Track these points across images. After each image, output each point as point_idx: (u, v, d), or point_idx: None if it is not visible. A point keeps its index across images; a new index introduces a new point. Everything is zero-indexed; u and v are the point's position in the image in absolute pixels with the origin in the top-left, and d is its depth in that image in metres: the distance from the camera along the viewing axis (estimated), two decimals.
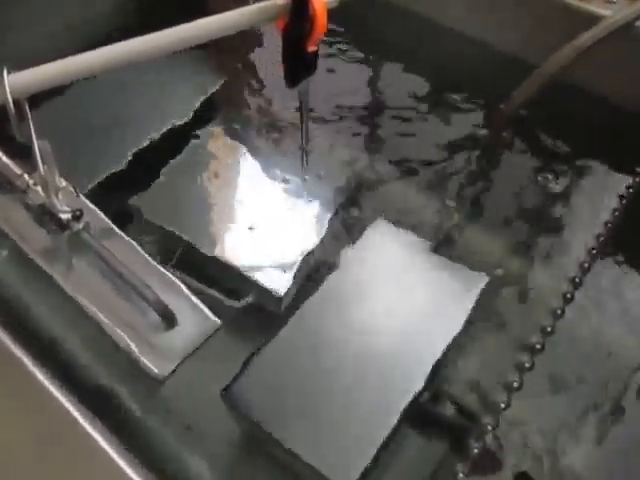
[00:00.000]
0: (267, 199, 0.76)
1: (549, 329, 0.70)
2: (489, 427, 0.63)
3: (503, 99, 0.89)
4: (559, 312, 0.71)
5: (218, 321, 0.67)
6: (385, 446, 0.56)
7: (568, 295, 0.73)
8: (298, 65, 0.66)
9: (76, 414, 0.54)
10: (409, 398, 0.58)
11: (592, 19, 0.81)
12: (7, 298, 0.68)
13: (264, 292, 0.68)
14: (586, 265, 0.75)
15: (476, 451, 0.61)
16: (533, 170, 0.87)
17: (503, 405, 0.64)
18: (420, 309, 0.65)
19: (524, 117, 0.90)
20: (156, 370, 0.64)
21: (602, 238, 0.78)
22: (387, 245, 0.70)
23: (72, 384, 0.57)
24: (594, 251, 0.77)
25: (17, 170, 0.66)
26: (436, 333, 0.63)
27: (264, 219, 0.74)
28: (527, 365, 0.67)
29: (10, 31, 0.87)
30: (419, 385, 0.59)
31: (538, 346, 0.68)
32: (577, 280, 0.74)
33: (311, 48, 0.63)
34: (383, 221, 0.72)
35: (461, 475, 0.60)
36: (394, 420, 0.57)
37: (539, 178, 0.86)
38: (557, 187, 0.85)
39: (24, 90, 0.54)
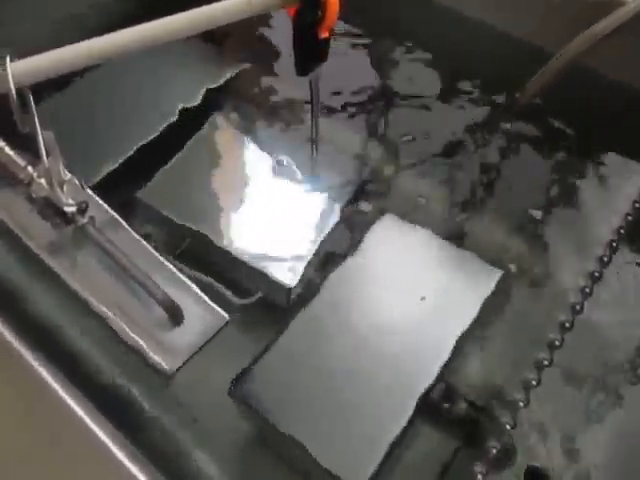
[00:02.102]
0: (276, 190, 0.75)
1: (568, 325, 0.68)
2: (507, 426, 0.61)
3: (518, 88, 0.88)
4: (578, 307, 0.69)
5: (226, 316, 0.66)
6: (397, 443, 0.55)
7: (587, 290, 0.71)
8: (309, 53, 0.64)
9: (82, 411, 0.53)
10: (420, 395, 0.57)
11: (610, 5, 0.79)
12: (10, 293, 0.67)
13: (272, 284, 0.67)
14: (605, 259, 0.73)
15: (495, 451, 0.60)
16: (549, 161, 0.85)
17: (522, 403, 0.63)
18: (431, 303, 0.64)
19: (540, 106, 0.88)
20: (165, 366, 0.63)
21: (622, 230, 0.76)
22: (397, 239, 0.69)
23: (77, 381, 0.56)
24: (614, 244, 0.75)
25: (21, 162, 0.64)
26: (447, 328, 0.62)
27: (272, 210, 0.73)
28: (546, 362, 0.65)
29: (13, 18, 0.86)
30: (430, 381, 0.58)
31: (557, 342, 0.67)
32: (596, 274, 0.72)
33: (323, 35, 0.62)
34: (393, 215, 0.71)
35: (479, 476, 0.58)
36: (406, 417, 0.56)
37: (556, 169, 0.84)
38: (575, 178, 0.83)
39: (27, 78, 0.52)
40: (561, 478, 0.59)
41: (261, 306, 0.69)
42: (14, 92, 0.51)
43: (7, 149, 0.64)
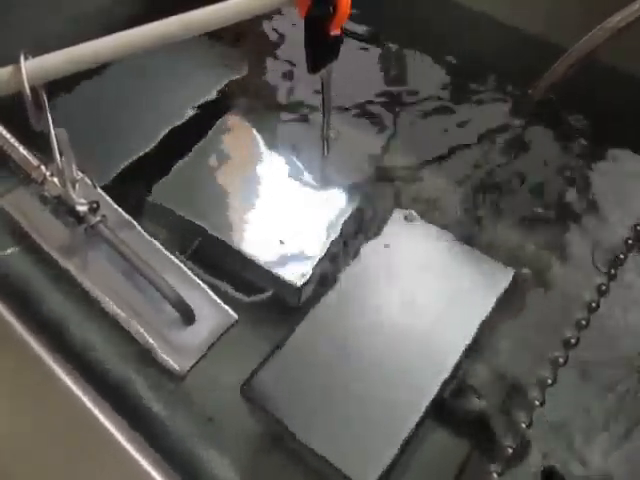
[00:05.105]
0: (286, 190, 0.75)
1: (584, 322, 0.67)
2: (523, 425, 0.60)
3: (531, 84, 0.87)
4: (594, 305, 0.69)
5: (235, 315, 0.66)
6: (408, 443, 0.55)
7: (603, 287, 0.70)
8: (320, 50, 0.64)
9: (95, 410, 0.54)
10: (432, 394, 0.57)
11: None
12: (23, 292, 0.67)
13: (282, 284, 0.67)
14: (622, 256, 0.72)
15: (510, 450, 0.59)
16: (563, 158, 0.84)
17: (537, 402, 0.62)
18: (442, 303, 0.63)
19: (553, 102, 0.87)
20: (176, 367, 0.63)
21: (638, 228, 0.75)
22: (409, 237, 0.69)
23: (90, 380, 0.56)
24: (630, 241, 0.74)
25: (34, 161, 0.65)
26: (460, 327, 0.61)
27: (283, 210, 0.73)
28: (561, 360, 0.65)
29: (27, 18, 0.87)
30: (443, 380, 0.58)
31: (573, 340, 0.66)
32: (612, 272, 0.71)
33: (334, 32, 0.62)
34: (405, 214, 0.71)
35: (495, 475, 0.58)
36: (417, 417, 0.56)
37: (570, 167, 0.83)
38: (590, 176, 0.82)
39: (42, 76, 0.52)
40: (577, 478, 0.59)
41: (272, 305, 0.68)
42: (28, 91, 0.51)
43: (21, 148, 0.64)
